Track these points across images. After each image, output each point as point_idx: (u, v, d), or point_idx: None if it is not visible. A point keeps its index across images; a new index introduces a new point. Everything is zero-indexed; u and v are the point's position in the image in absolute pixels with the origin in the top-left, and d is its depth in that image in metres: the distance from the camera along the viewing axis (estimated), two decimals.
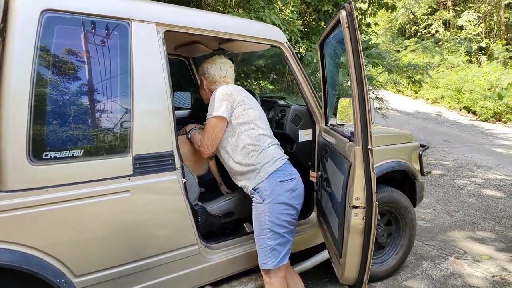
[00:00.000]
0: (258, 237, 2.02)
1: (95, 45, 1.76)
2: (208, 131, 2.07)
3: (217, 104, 2.04)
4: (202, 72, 2.29)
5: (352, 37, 1.48)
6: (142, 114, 1.83)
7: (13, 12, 1.54)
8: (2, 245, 1.50)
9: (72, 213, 1.66)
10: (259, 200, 2.00)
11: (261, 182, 2.00)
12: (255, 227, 2.04)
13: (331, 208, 1.89)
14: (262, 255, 2.01)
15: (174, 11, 2.03)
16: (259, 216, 2.00)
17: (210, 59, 2.29)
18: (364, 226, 1.55)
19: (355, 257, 1.62)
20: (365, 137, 1.47)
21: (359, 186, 1.52)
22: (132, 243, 1.83)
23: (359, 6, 8.92)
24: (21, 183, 1.55)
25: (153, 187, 1.87)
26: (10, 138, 1.52)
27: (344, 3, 1.57)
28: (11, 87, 1.52)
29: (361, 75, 1.46)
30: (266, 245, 1.98)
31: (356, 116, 1.52)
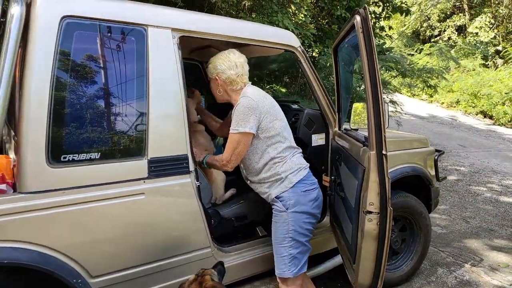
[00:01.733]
0: (279, 245, 1.99)
1: (113, 50, 1.80)
2: (234, 147, 1.97)
3: (243, 119, 1.93)
4: (215, 71, 2.09)
5: (366, 42, 1.48)
6: (157, 118, 1.86)
7: (34, 19, 1.58)
8: (21, 245, 1.54)
9: (89, 215, 1.69)
10: (282, 209, 1.97)
11: (285, 191, 1.97)
12: (275, 235, 2.01)
13: (344, 213, 1.88)
14: (282, 264, 1.98)
15: (189, 17, 2.06)
16: (282, 225, 1.97)
17: (222, 56, 2.09)
18: (378, 232, 1.54)
19: (369, 263, 1.61)
20: (380, 142, 1.47)
21: (373, 192, 1.51)
22: (146, 244, 1.86)
23: (373, 10, 8.89)
24: (40, 185, 1.59)
25: (168, 190, 1.90)
26: (30, 142, 1.56)
27: (359, 9, 1.57)
28: (31, 93, 1.56)
29: (375, 80, 1.46)
30: (287, 253, 1.96)
31: (370, 121, 1.52)
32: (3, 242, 1.50)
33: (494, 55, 16.75)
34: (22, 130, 1.55)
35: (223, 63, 2.06)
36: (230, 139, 1.98)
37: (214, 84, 2.13)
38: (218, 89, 2.12)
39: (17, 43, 1.53)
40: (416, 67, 8.10)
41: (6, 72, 1.50)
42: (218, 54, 2.12)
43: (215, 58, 2.11)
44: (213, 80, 2.12)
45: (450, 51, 13.17)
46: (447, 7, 17.91)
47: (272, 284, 2.33)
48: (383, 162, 1.48)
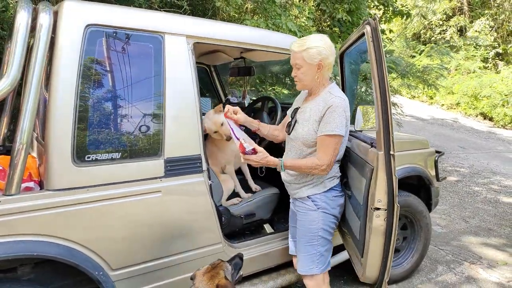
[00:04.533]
0: (307, 243, 2.04)
1: (132, 56, 1.91)
2: (334, 148, 1.90)
3: (341, 121, 1.88)
4: (319, 56, 1.90)
5: (376, 50, 1.59)
6: (173, 120, 1.97)
7: (61, 27, 1.70)
8: (48, 239, 1.65)
9: (110, 211, 1.80)
10: (312, 208, 2.02)
11: (318, 194, 2.02)
12: (303, 233, 2.05)
13: (352, 210, 1.99)
14: (309, 261, 2.04)
15: (202, 24, 2.17)
16: (310, 223, 2.02)
17: (323, 41, 1.92)
18: (385, 227, 1.65)
19: (376, 257, 1.71)
20: (388, 143, 1.58)
21: (381, 189, 1.62)
22: (162, 240, 1.97)
23: (374, 13, 9.00)
24: (66, 183, 1.70)
25: (182, 188, 2.01)
26: (57, 143, 1.67)
27: (369, 19, 1.67)
28: (58, 97, 1.68)
29: (384, 85, 1.57)
30: (315, 251, 2.02)
31: (379, 123, 1.62)
32: (33, 236, 1.61)
33: (494, 57, 16.86)
34: (50, 132, 1.66)
35: (327, 48, 1.92)
36: (327, 141, 1.89)
37: (313, 70, 1.94)
38: (317, 76, 1.95)
39: (46, 51, 1.64)
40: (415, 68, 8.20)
41: (36, 77, 1.61)
42: (313, 39, 1.93)
43: (314, 42, 1.91)
44: (314, 66, 1.93)
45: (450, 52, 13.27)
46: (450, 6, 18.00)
47: (279, 278, 2.43)
48: (390, 161, 1.59)
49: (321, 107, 1.93)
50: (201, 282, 1.69)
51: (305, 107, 2.06)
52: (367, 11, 8.07)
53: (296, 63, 1.97)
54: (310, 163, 1.93)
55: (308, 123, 1.97)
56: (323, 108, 1.91)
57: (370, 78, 6.37)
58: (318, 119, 1.93)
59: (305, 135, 1.97)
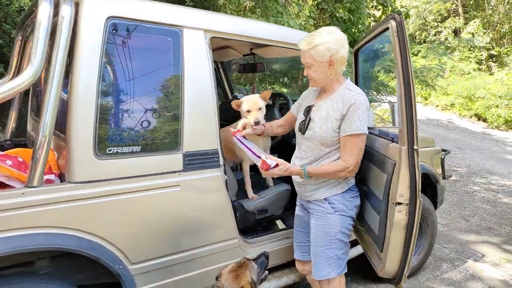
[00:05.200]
0: (325, 247, 1.96)
1: (152, 49, 1.91)
2: (359, 147, 1.85)
3: (365, 119, 1.83)
4: (328, 53, 1.82)
5: (401, 45, 1.59)
6: (191, 114, 1.96)
7: (82, 19, 1.68)
8: (69, 232, 1.63)
9: (130, 204, 1.79)
10: (330, 211, 1.95)
11: (335, 195, 1.95)
12: (320, 237, 1.97)
13: (368, 205, 2.00)
14: (326, 265, 1.97)
15: (220, 19, 2.16)
16: (328, 227, 1.95)
17: (329, 36, 1.82)
18: (406, 222, 1.66)
19: (396, 252, 1.72)
20: (411, 138, 1.59)
21: (404, 184, 1.63)
22: (180, 234, 1.96)
23: (373, 13, 9.07)
24: (88, 175, 1.68)
25: (200, 183, 2.00)
26: (79, 135, 1.66)
27: (394, 14, 1.68)
28: (80, 90, 1.66)
29: (409, 79, 1.58)
30: (333, 254, 1.95)
31: (402, 118, 1.63)
32: (54, 228, 1.60)
33: (488, 59, 17.06)
34: (72, 125, 1.65)
35: (336, 41, 1.82)
36: (353, 141, 1.83)
37: (324, 67, 1.86)
38: (329, 73, 1.88)
39: (68, 43, 1.62)
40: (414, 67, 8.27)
41: (58, 70, 1.59)
42: (318, 36, 1.84)
43: (322, 38, 1.82)
44: (324, 63, 1.85)
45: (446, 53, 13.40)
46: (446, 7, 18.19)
47: (292, 274, 2.43)
48: (414, 156, 1.60)
49: (341, 105, 1.86)
50: (226, 280, 1.68)
51: (320, 105, 1.97)
52: (366, 11, 8.12)
53: (306, 62, 1.89)
54: (335, 167, 1.86)
55: (327, 122, 1.89)
56: (344, 106, 1.85)
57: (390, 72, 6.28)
58: (338, 117, 1.86)
59: (323, 134, 1.89)
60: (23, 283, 1.60)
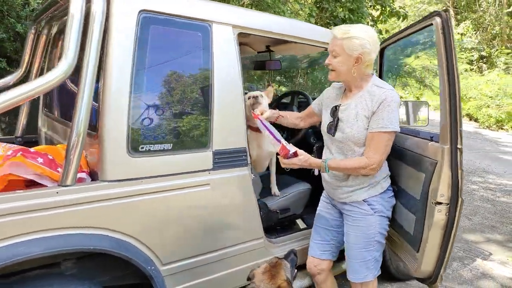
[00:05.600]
0: (363, 249, 1.92)
1: (182, 44, 1.86)
2: (386, 145, 1.79)
3: (395, 116, 1.78)
4: (360, 49, 1.76)
5: (447, 42, 1.57)
6: (220, 111, 1.92)
7: (115, 13, 1.62)
8: (102, 231, 1.58)
9: (162, 203, 1.75)
10: (369, 212, 1.90)
11: (375, 196, 1.90)
12: (358, 239, 1.92)
13: (400, 205, 1.97)
14: (363, 268, 1.93)
15: (249, 15, 2.13)
16: (367, 228, 1.90)
17: (369, 34, 1.78)
18: (446, 222, 1.64)
19: (434, 252, 1.71)
20: (455, 136, 1.57)
21: (445, 184, 1.61)
22: (210, 234, 1.92)
23: (370, 13, 9.09)
24: (121, 173, 1.63)
25: (229, 181, 1.96)
26: (113, 132, 1.60)
27: (440, 11, 1.66)
28: (113, 87, 1.61)
29: (454, 78, 1.56)
30: (371, 257, 1.92)
31: (446, 116, 1.62)
32: (88, 229, 1.54)
33: (479, 60, 17.35)
34: (105, 122, 1.59)
35: (372, 42, 1.78)
36: (380, 137, 1.77)
37: (350, 62, 1.80)
38: (353, 70, 1.81)
39: (101, 37, 1.56)
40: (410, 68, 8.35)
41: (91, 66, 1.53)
42: (359, 29, 1.79)
43: (360, 33, 1.77)
44: (352, 58, 1.79)
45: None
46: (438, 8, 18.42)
47: None
48: (457, 156, 1.59)
49: (370, 102, 1.80)
50: (262, 281, 1.65)
51: (347, 105, 1.90)
52: (366, 11, 8.14)
53: (334, 50, 1.80)
54: (358, 163, 1.80)
55: (357, 121, 1.83)
56: (374, 103, 1.79)
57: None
58: (367, 115, 1.80)
59: (356, 134, 1.83)
60: (53, 285, 1.55)
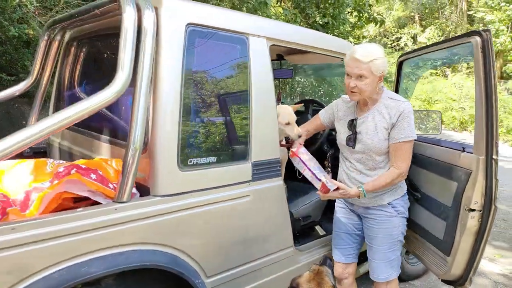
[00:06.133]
0: (389, 250, 2.05)
1: (225, 57, 1.87)
2: (410, 152, 1.94)
3: (413, 125, 1.92)
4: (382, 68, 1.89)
5: (487, 62, 1.68)
6: (257, 123, 1.94)
7: (164, 26, 1.61)
8: (156, 247, 1.57)
9: (207, 216, 1.75)
10: (393, 214, 2.03)
11: (398, 198, 2.04)
12: (384, 240, 2.05)
13: (424, 211, 2.09)
14: (388, 267, 2.07)
15: (279, 26, 2.17)
16: (391, 230, 2.04)
17: (382, 52, 1.90)
18: (478, 228, 1.76)
19: (464, 256, 1.83)
20: (491, 148, 1.69)
21: (479, 192, 1.73)
22: (249, 244, 1.94)
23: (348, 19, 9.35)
24: (172, 188, 1.62)
25: (267, 192, 1.99)
26: (165, 146, 1.59)
27: (480, 30, 1.77)
28: (164, 100, 1.60)
29: (491, 93, 1.67)
30: (395, 256, 2.06)
31: (481, 128, 1.73)
32: (143, 245, 1.53)
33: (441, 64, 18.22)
34: (157, 136, 1.58)
35: (385, 58, 1.92)
36: (404, 147, 1.91)
37: (375, 81, 1.91)
38: (377, 87, 1.94)
39: (153, 49, 1.55)
40: None
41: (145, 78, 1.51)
42: (376, 49, 1.90)
43: (378, 52, 1.88)
44: (377, 77, 1.90)
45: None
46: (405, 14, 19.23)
47: None
48: (493, 166, 1.71)
49: (387, 115, 1.93)
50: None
51: (365, 117, 2.01)
52: (345, 17, 8.38)
53: (362, 73, 1.87)
54: (392, 176, 1.93)
55: (377, 133, 1.94)
56: (393, 115, 1.91)
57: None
58: (387, 127, 1.93)
59: (377, 145, 1.94)
60: None
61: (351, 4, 8.27)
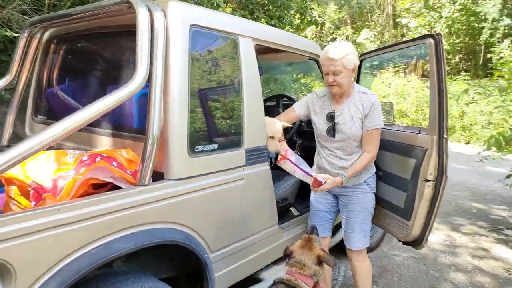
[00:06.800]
0: (363, 222, 2.38)
1: (221, 56, 2.08)
2: (379, 138, 2.28)
3: (381, 115, 2.24)
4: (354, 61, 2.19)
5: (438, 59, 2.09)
6: (249, 112, 2.17)
7: (172, 26, 1.78)
8: (172, 225, 1.74)
9: (211, 197, 1.95)
10: (367, 190, 2.37)
11: (371, 176, 2.39)
12: (361, 214, 2.37)
13: (386, 186, 2.47)
14: (362, 237, 2.38)
15: (263, 28, 2.42)
16: (366, 204, 2.37)
17: (351, 46, 2.22)
18: (432, 195, 2.17)
19: (421, 219, 2.22)
20: (443, 129, 2.10)
21: (433, 165, 2.13)
22: (245, 222, 2.18)
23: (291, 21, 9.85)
24: (183, 172, 1.80)
25: (257, 175, 2.24)
26: (177, 135, 1.77)
27: (433, 34, 2.16)
28: (176, 93, 1.77)
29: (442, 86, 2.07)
30: (368, 227, 2.39)
31: (435, 114, 2.13)
32: (162, 223, 1.69)
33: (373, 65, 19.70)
34: (171, 126, 1.75)
35: (355, 51, 2.22)
36: (374, 134, 2.25)
37: (350, 74, 2.22)
38: (351, 79, 2.27)
39: (165, 48, 1.72)
40: None
41: (159, 75, 1.68)
42: (345, 46, 2.19)
43: (348, 48, 2.18)
44: (351, 70, 2.21)
45: None
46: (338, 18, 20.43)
47: None
48: (443, 143, 2.12)
49: (361, 107, 2.24)
50: (302, 254, 1.96)
51: (341, 110, 2.29)
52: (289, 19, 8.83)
53: (336, 70, 2.16)
54: (365, 161, 2.26)
55: (354, 123, 2.24)
56: (365, 107, 2.23)
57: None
58: (361, 117, 2.24)
59: (355, 133, 2.25)
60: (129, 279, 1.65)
61: (294, 7, 8.75)
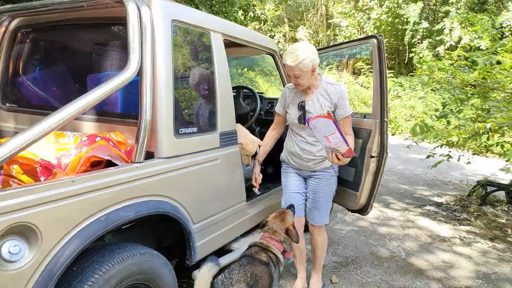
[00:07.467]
0: (327, 202, 2.66)
1: (197, 49, 2.32)
2: (351, 124, 2.54)
3: (348, 103, 2.51)
4: (311, 63, 2.35)
5: (380, 56, 2.51)
6: (221, 100, 2.42)
7: (156, 20, 1.99)
8: (162, 198, 1.96)
9: (193, 174, 2.19)
10: (332, 174, 2.63)
11: None
12: (326, 194, 2.63)
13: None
14: (324, 215, 2.68)
15: (229, 25, 2.67)
16: (331, 186, 2.65)
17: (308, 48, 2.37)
18: (376, 169, 2.61)
19: (368, 190, 2.66)
20: (383, 114, 2.53)
21: (376, 144, 2.56)
22: (220, 198, 2.44)
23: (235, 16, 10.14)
24: (171, 151, 2.02)
25: (229, 155, 2.51)
26: (165, 119, 1.98)
27: (377, 35, 2.57)
28: (163, 81, 1.98)
29: (383, 78, 2.51)
30: (329, 206, 2.70)
31: (377, 102, 2.56)
32: (154, 196, 1.90)
33: None
34: (159, 111, 1.95)
35: (314, 53, 2.37)
36: (348, 120, 2.51)
37: (309, 75, 2.40)
38: (312, 78, 2.45)
39: (152, 43, 1.92)
40: None
41: (148, 65, 1.88)
42: (300, 51, 2.33)
43: (305, 53, 2.32)
44: (309, 71, 2.38)
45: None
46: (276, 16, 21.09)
47: None
48: (384, 126, 2.55)
49: (328, 96, 2.48)
50: (274, 223, 2.28)
51: (311, 100, 2.51)
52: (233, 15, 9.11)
53: (295, 74, 2.38)
54: (352, 140, 2.54)
55: (323, 111, 2.42)
56: (333, 97, 2.47)
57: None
58: (330, 105, 2.47)
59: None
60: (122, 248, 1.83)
61: (238, 3, 9.05)
